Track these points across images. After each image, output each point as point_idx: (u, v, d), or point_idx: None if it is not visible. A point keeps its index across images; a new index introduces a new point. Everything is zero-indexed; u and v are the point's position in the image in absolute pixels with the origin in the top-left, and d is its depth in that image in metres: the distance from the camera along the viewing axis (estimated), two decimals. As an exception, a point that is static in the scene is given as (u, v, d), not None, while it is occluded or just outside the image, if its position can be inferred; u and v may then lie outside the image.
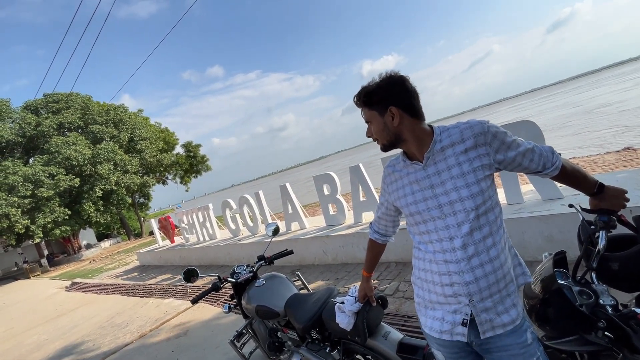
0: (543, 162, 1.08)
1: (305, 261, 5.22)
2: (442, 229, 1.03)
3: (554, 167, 1.09)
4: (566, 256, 1.34)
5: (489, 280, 1.00)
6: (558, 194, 3.27)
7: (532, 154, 1.07)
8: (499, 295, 1.02)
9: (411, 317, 2.84)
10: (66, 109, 19.59)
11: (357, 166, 4.66)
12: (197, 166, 27.14)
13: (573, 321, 1.12)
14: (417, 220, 1.10)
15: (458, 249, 1.01)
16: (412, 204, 1.09)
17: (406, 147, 1.11)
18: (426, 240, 1.09)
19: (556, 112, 24.73)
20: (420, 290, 1.16)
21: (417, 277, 1.17)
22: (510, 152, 1.04)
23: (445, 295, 1.05)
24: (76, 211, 18.07)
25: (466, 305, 1.02)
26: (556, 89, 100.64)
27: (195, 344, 3.56)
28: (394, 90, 1.04)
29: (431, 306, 1.12)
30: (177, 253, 8.34)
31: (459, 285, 1.01)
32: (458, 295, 1.02)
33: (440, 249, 1.04)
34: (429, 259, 1.09)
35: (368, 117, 1.12)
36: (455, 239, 1.01)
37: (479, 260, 1.00)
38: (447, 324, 1.06)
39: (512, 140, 1.05)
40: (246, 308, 2.30)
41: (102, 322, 5.40)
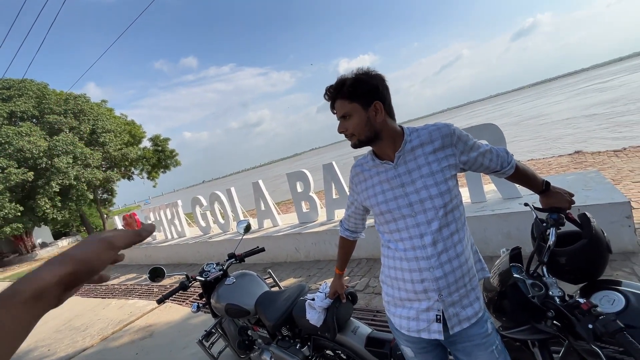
0: (501, 161, 1.19)
1: (278, 259, 5.20)
2: (413, 226, 1.06)
3: (510, 165, 1.21)
4: (521, 252, 1.44)
5: (455, 275, 1.06)
6: (516, 193, 3.49)
7: (490, 154, 1.17)
8: (464, 289, 1.08)
9: (380, 312, 2.91)
10: (18, 97, 18.03)
11: (331, 164, 4.69)
12: (165, 161, 26.00)
13: (526, 312, 1.21)
14: (388, 218, 1.11)
15: (428, 246, 1.04)
16: (383, 202, 1.11)
17: (381, 145, 1.11)
18: (396, 238, 1.11)
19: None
20: (390, 289, 1.17)
21: (387, 276, 1.18)
22: (473, 152, 1.13)
23: (415, 292, 1.07)
24: (30, 207, 16.72)
25: (436, 300, 1.05)
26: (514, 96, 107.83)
27: (161, 345, 3.44)
28: (377, 85, 1.05)
29: (401, 304, 1.14)
30: (143, 251, 7.99)
31: (429, 281, 1.04)
32: (428, 291, 1.05)
33: (411, 246, 1.06)
34: (399, 257, 1.10)
35: (348, 110, 1.06)
36: (425, 235, 1.05)
37: (447, 256, 1.05)
38: (423, 322, 1.08)
39: (473, 142, 1.14)
40: (215, 307, 2.26)
41: (59, 325, 5.06)
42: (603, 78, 47.09)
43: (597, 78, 53.41)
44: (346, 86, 1.05)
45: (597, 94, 24.93)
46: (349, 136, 1.12)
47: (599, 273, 1.26)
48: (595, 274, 1.26)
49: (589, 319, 1.01)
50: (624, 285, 1.18)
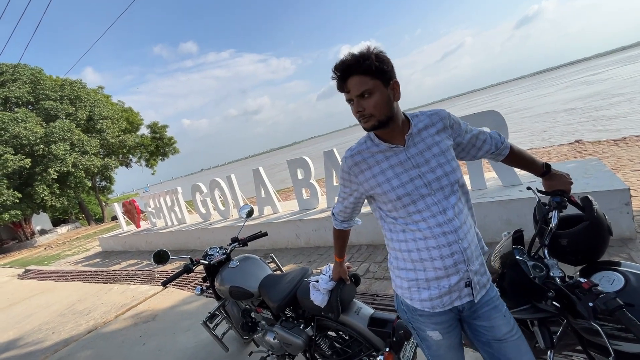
0: (495, 142, 1.25)
1: (278, 245, 5.25)
2: (434, 204, 1.08)
3: (503, 145, 1.27)
4: (523, 235, 1.47)
5: (474, 244, 1.11)
6: (517, 180, 3.51)
7: (484, 135, 1.24)
8: (481, 257, 1.14)
9: (380, 296, 2.97)
10: (12, 82, 17.73)
11: (331, 151, 4.69)
12: (163, 148, 25.87)
13: (527, 292, 1.24)
14: (406, 202, 1.09)
15: (453, 219, 1.08)
16: (399, 186, 1.09)
17: (391, 128, 1.08)
18: (417, 219, 1.09)
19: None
20: (412, 273, 1.13)
21: (407, 260, 1.13)
22: (467, 135, 1.20)
23: (446, 267, 1.07)
24: (28, 194, 16.68)
25: (465, 271, 1.08)
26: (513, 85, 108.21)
27: (165, 328, 3.50)
28: (391, 65, 1.04)
29: (426, 285, 1.11)
30: (144, 238, 8.03)
31: (458, 253, 1.07)
32: (458, 263, 1.07)
33: (436, 224, 1.07)
34: (423, 237, 1.08)
35: (369, 87, 0.99)
36: (448, 210, 1.08)
37: (467, 227, 1.10)
38: (455, 292, 1.10)
39: (466, 126, 1.20)
40: (219, 289, 2.29)
41: (62, 309, 5.12)
42: (596, 70, 47.48)
43: (592, 69, 53.75)
44: (371, 60, 0.96)
45: (583, 87, 25.51)
46: (367, 117, 1.03)
47: (599, 254, 1.29)
48: (595, 256, 1.29)
49: (589, 297, 1.04)
50: (623, 266, 1.20)
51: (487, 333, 1.14)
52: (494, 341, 1.13)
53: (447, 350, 1.19)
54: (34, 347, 3.95)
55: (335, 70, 1.03)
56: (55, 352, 3.62)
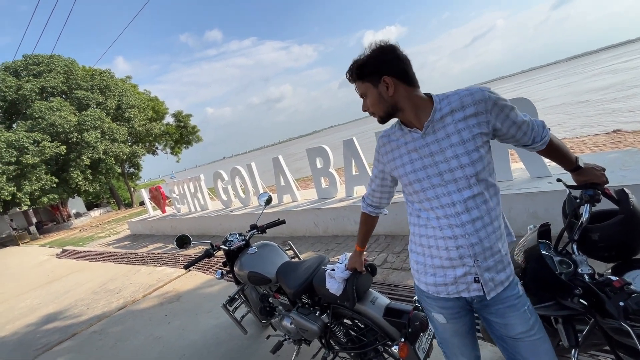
0: (533, 135, 1.14)
1: (297, 233, 5.31)
2: (444, 195, 1.05)
3: (542, 141, 1.15)
4: (550, 229, 1.40)
5: (490, 241, 1.05)
6: (546, 172, 3.34)
7: (526, 127, 1.11)
8: (499, 255, 1.08)
9: (397, 286, 2.95)
10: (48, 72, 18.65)
11: (351, 140, 4.64)
12: (187, 137, 26.62)
13: (552, 288, 1.19)
14: (417, 188, 1.10)
15: (462, 213, 1.04)
16: (411, 172, 1.10)
17: (403, 116, 1.10)
18: (427, 207, 1.10)
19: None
20: (421, 257, 1.17)
21: (417, 244, 1.17)
22: (507, 121, 1.07)
23: (450, 259, 1.07)
24: (64, 179, 17.76)
25: (472, 266, 1.05)
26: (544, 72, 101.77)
27: (188, 309, 3.67)
28: (386, 59, 1.04)
29: (433, 272, 1.13)
30: (169, 223, 8.37)
31: (464, 247, 1.04)
32: (464, 257, 1.05)
33: (443, 215, 1.06)
34: (431, 225, 1.10)
35: (363, 90, 1.12)
36: (458, 204, 1.04)
37: (482, 223, 1.04)
38: (462, 285, 1.09)
39: (511, 109, 1.07)
40: (238, 274, 2.35)
41: (95, 287, 5.48)
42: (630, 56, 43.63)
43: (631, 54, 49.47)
44: (355, 69, 1.09)
45: (608, 77, 23.73)
46: (371, 114, 1.16)
47: (634, 251, 1.21)
48: (630, 252, 1.21)
49: (620, 296, 0.98)
50: None
51: (500, 329, 1.11)
52: (508, 338, 1.10)
53: (452, 335, 1.21)
54: (72, 320, 4.26)
55: (347, 75, 1.15)
56: (90, 327, 3.89)
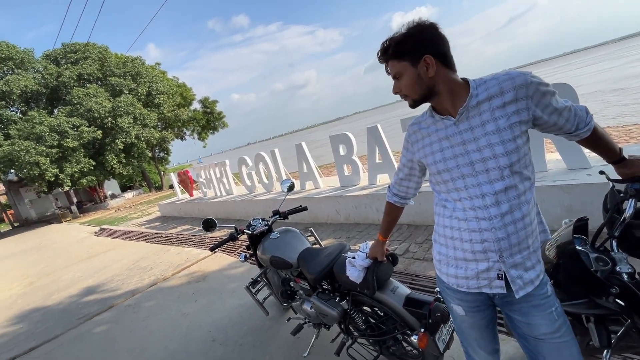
0: (577, 122, 1.05)
1: (318, 220, 5.36)
2: (473, 186, 1.00)
3: (586, 128, 1.06)
4: (587, 224, 1.31)
5: (519, 237, 1.00)
6: (585, 163, 3.12)
7: (568, 112, 1.03)
8: (527, 251, 1.02)
9: (419, 276, 2.92)
10: (84, 60, 19.56)
11: (375, 127, 4.55)
12: (213, 122, 27.24)
13: (586, 285, 1.13)
14: (445, 178, 1.06)
15: (491, 206, 0.98)
16: (441, 161, 1.06)
17: (438, 101, 1.04)
18: (454, 197, 1.06)
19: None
20: (444, 248, 1.13)
21: (441, 235, 1.14)
22: (549, 108, 0.99)
23: (473, 252, 1.03)
24: (100, 162, 18.82)
25: (496, 261, 1.01)
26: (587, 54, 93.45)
27: (213, 288, 3.84)
28: (428, 37, 0.97)
29: (455, 263, 1.10)
30: (196, 206, 8.70)
31: (490, 241, 1.00)
32: (488, 251, 1.01)
33: (470, 207, 1.01)
34: (456, 216, 1.06)
35: (398, 70, 1.03)
36: (487, 196, 0.99)
37: (512, 218, 0.98)
38: (484, 280, 1.05)
39: (552, 94, 0.98)
40: (261, 258, 2.42)
41: (129, 264, 5.85)
42: None
43: None
44: (392, 46, 1.01)
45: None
46: (403, 97, 1.08)
47: (683, 251, 1.11)
48: (678, 252, 1.12)
49: (664, 299, 0.92)
50: None
51: (522, 327, 1.07)
52: (529, 337, 1.06)
53: (470, 327, 1.19)
54: (109, 294, 4.59)
55: (378, 58, 1.08)
56: (124, 300, 4.18)
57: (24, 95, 18.25)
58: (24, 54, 18.81)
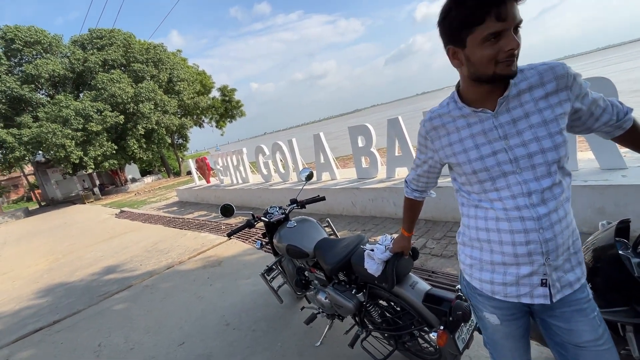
0: (617, 111, 0.97)
1: (334, 211, 5.33)
2: (516, 184, 0.92)
3: (627, 117, 0.97)
4: (629, 226, 1.22)
5: (564, 237, 0.92)
6: (621, 163, 2.94)
7: (604, 102, 0.96)
8: (568, 252, 0.94)
9: (436, 273, 2.86)
10: (109, 46, 20.01)
11: (396, 119, 4.44)
12: (231, 111, 27.49)
13: (627, 292, 1.05)
14: (482, 177, 0.96)
15: (538, 205, 0.90)
16: (477, 159, 0.95)
17: (488, 86, 0.90)
18: (493, 197, 0.96)
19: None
20: (477, 251, 1.04)
21: (474, 238, 1.04)
22: (587, 99, 0.93)
23: (516, 255, 0.94)
24: (122, 147, 19.40)
25: (542, 265, 0.93)
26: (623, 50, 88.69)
27: (228, 273, 3.89)
28: None
29: (491, 268, 1.01)
30: (213, 193, 8.84)
31: (536, 243, 0.91)
32: (533, 254, 0.92)
33: (514, 206, 0.92)
34: (495, 217, 0.96)
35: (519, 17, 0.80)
36: (534, 194, 0.90)
37: (557, 216, 0.91)
38: (525, 287, 0.96)
39: (587, 85, 0.93)
40: (277, 246, 2.42)
41: (148, 247, 6.02)
42: None
43: None
44: None
45: None
46: (515, 57, 0.82)
47: None
48: None
49: None
50: None
51: (562, 335, 0.98)
52: (570, 345, 0.97)
53: (504, 337, 1.08)
54: (128, 274, 4.75)
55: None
56: (143, 281, 4.31)
57: (51, 79, 18.91)
58: (52, 39, 19.43)
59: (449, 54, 0.90)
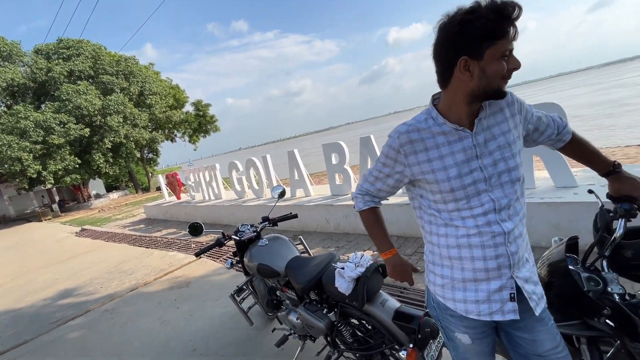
0: (557, 125, 1.14)
1: (308, 228, 5.30)
2: (488, 202, 0.96)
3: (565, 130, 1.15)
4: (578, 242, 1.31)
5: (523, 250, 1.00)
6: (573, 182, 3.18)
7: (546, 118, 1.12)
8: (529, 264, 1.03)
9: (407, 289, 2.89)
10: (76, 57, 19.24)
11: (368, 137, 4.56)
12: (205, 126, 27.03)
13: (578, 306, 1.11)
14: (459, 196, 0.97)
15: (505, 221, 0.96)
16: (456, 177, 0.96)
17: (464, 107, 0.94)
18: (466, 215, 0.99)
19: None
20: (448, 270, 1.05)
21: (445, 257, 1.05)
22: (533, 118, 1.08)
23: (487, 270, 0.98)
24: (86, 161, 18.36)
25: (509, 278, 0.97)
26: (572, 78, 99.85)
27: (197, 295, 3.72)
28: None
29: (463, 286, 1.02)
30: (183, 209, 8.53)
31: (504, 257, 0.96)
32: (502, 267, 0.97)
33: (485, 222, 0.96)
34: (467, 234, 0.99)
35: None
36: (503, 211, 0.96)
37: (519, 231, 0.99)
38: (496, 303, 0.99)
39: (531, 107, 1.08)
40: (248, 266, 2.35)
41: (110, 267, 5.64)
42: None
43: None
44: (518, 7, 0.81)
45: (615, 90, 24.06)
46: (508, 78, 0.89)
47: (673, 273, 1.12)
48: (668, 274, 1.12)
49: (655, 321, 0.91)
50: None
51: (527, 346, 1.03)
52: (533, 355, 1.02)
53: (476, 356, 1.10)
54: (86, 297, 4.40)
55: (508, 9, 0.80)
56: (102, 305, 4.01)
57: (9, 89, 17.78)
58: (11, 46, 18.39)
59: (460, 65, 0.87)
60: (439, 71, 0.94)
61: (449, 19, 0.85)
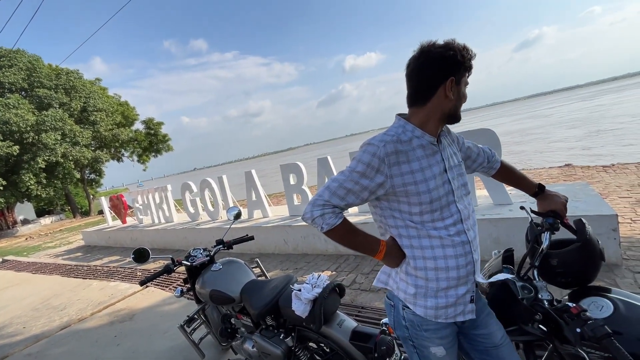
0: (487, 155, 1.32)
1: (265, 250, 5.16)
2: (456, 212, 1.06)
3: (494, 159, 1.34)
4: (513, 254, 1.44)
5: (479, 255, 1.12)
6: (508, 199, 3.52)
7: (476, 148, 1.30)
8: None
9: (365, 308, 2.91)
10: (8, 67, 17.43)
11: (325, 158, 4.67)
12: (157, 145, 25.60)
13: (515, 313, 1.21)
14: (436, 207, 1.02)
15: (470, 230, 1.07)
16: (435, 189, 1.01)
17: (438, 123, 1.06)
18: (440, 226, 1.04)
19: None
20: (423, 281, 1.06)
21: (420, 268, 1.06)
22: (465, 146, 1.25)
23: (459, 278, 1.06)
24: (13, 182, 16.26)
25: (472, 282, 1.09)
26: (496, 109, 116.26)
27: (141, 328, 3.38)
28: None
29: (434, 294, 1.06)
30: (129, 234, 7.85)
31: (471, 264, 1.07)
32: (469, 274, 1.07)
33: (456, 232, 1.05)
34: (443, 244, 1.03)
35: None
36: (467, 220, 1.07)
37: (477, 239, 1.12)
38: (460, 306, 1.08)
39: (463, 138, 1.26)
40: (200, 293, 2.22)
41: (36, 303, 4.93)
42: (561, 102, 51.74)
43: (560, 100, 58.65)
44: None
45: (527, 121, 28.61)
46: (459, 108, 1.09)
47: (590, 278, 1.27)
48: (586, 279, 1.27)
49: (577, 323, 1.01)
50: (613, 293, 1.18)
51: (485, 341, 1.14)
52: (491, 348, 1.13)
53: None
54: (4, 341, 3.78)
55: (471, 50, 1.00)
56: (24, 348, 3.46)
57: None
58: None
59: (448, 84, 0.97)
60: (419, 89, 1.01)
61: (432, 46, 0.97)
